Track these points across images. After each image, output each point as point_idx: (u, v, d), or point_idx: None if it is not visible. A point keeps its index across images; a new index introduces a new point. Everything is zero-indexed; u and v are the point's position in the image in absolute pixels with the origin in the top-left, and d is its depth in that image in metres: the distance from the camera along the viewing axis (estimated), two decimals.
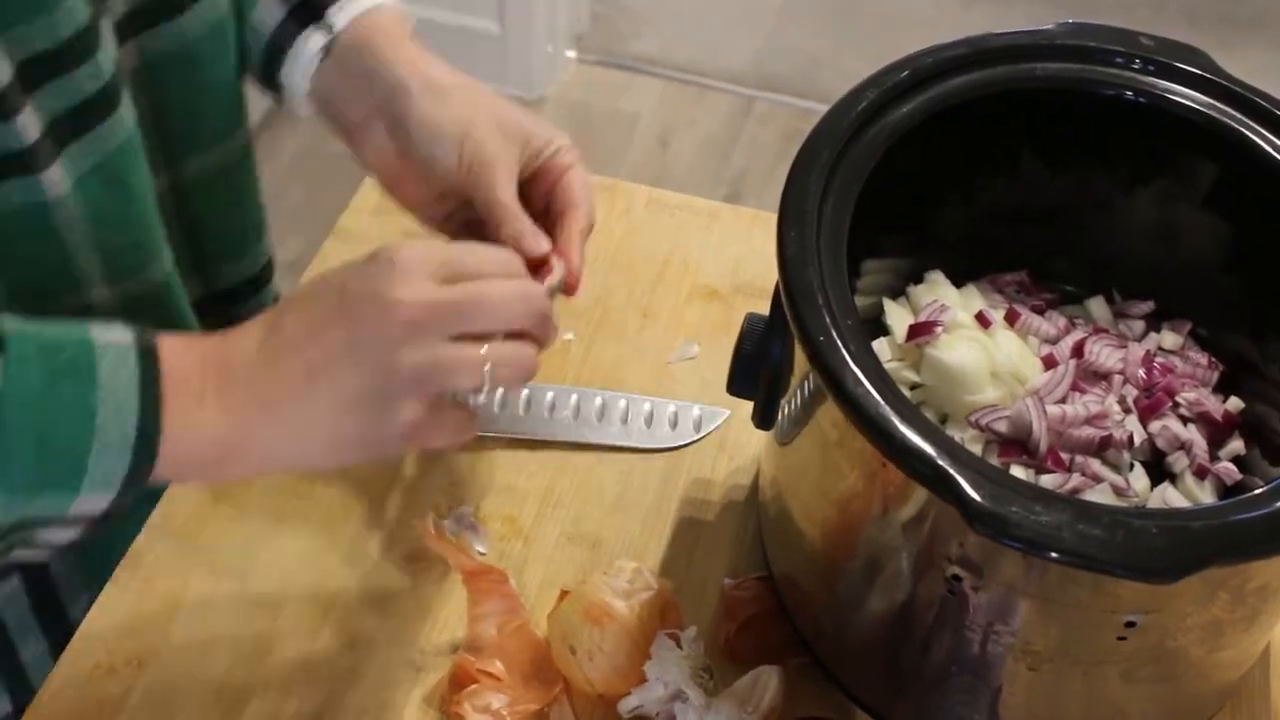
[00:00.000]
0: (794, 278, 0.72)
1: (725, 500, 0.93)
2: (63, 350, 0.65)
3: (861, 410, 0.67)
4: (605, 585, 0.83)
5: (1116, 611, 0.69)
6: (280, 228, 1.02)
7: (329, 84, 0.87)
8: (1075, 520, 0.64)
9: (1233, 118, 0.82)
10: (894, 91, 0.80)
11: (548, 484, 0.93)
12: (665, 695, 0.80)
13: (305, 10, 0.87)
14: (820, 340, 0.70)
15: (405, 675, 0.84)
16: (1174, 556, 0.63)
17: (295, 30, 0.87)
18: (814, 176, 0.76)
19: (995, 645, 0.72)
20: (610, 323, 1.03)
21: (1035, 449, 0.81)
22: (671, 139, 2.62)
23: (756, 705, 0.79)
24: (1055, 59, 0.84)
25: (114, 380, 0.66)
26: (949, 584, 0.71)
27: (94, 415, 0.65)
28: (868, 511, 0.74)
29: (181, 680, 0.83)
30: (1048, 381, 0.84)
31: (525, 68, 2.62)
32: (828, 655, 0.83)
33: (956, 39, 0.83)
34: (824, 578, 0.81)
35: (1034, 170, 0.87)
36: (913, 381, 0.85)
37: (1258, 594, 0.71)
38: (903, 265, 0.89)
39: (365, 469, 0.93)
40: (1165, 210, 0.87)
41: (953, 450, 0.66)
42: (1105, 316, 0.90)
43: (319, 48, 0.86)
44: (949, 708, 0.78)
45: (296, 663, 0.84)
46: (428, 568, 0.88)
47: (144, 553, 0.88)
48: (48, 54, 0.73)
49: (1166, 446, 0.83)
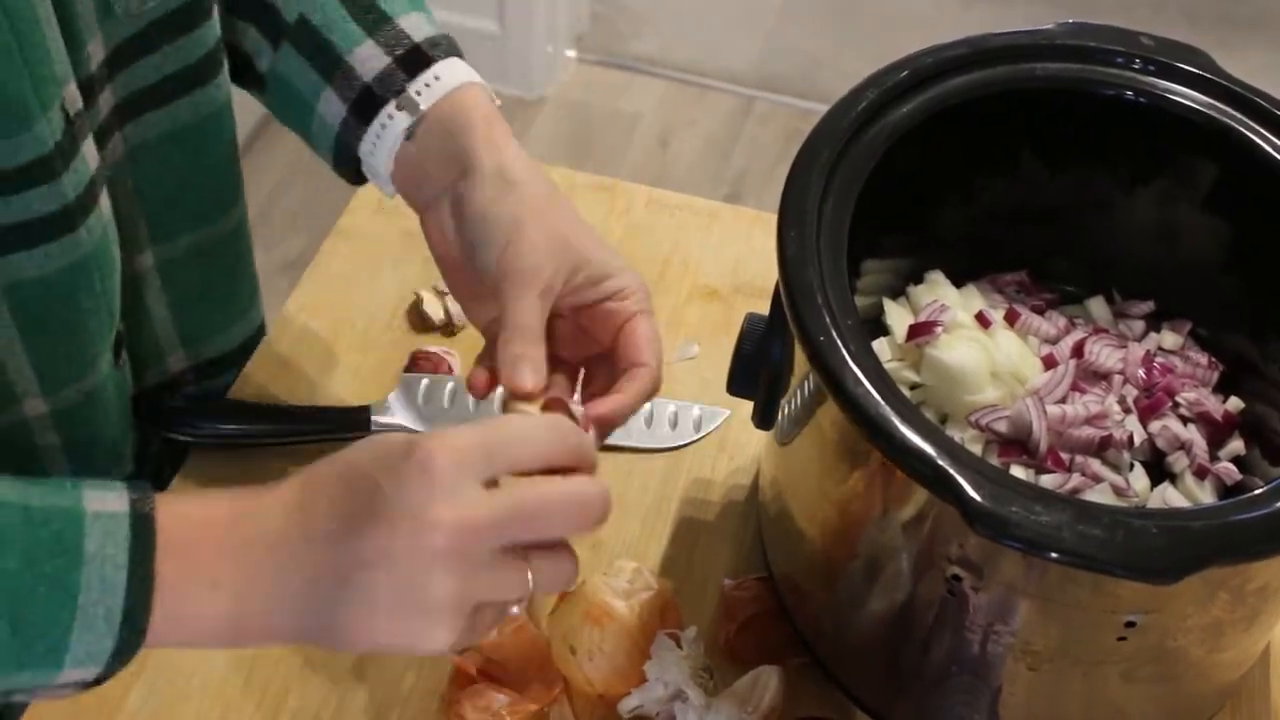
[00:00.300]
0: (794, 278, 0.72)
1: (725, 500, 0.93)
2: (49, 523, 0.62)
3: (861, 410, 0.67)
4: (605, 585, 0.83)
5: (1116, 612, 0.69)
6: (280, 227, 1.02)
7: (408, 162, 0.81)
8: (1075, 520, 0.64)
9: (1233, 118, 0.82)
10: (894, 91, 0.80)
11: None
12: (665, 695, 0.80)
13: (368, 103, 0.81)
14: (820, 340, 0.70)
15: (405, 676, 0.84)
16: (1174, 556, 0.63)
17: (359, 126, 0.81)
18: (814, 176, 0.76)
19: (995, 645, 0.72)
20: None
21: (1035, 449, 0.81)
22: (672, 139, 2.63)
23: (756, 705, 0.79)
24: (1055, 59, 0.84)
25: (101, 555, 0.62)
26: (949, 584, 0.71)
27: (76, 595, 0.61)
28: (868, 512, 0.74)
29: (181, 680, 0.83)
30: (1048, 381, 0.84)
31: (525, 68, 2.62)
32: (828, 655, 0.83)
33: (956, 39, 0.83)
34: (824, 578, 0.81)
35: (1034, 170, 0.87)
36: (913, 381, 0.85)
37: (1258, 594, 0.71)
38: (903, 265, 0.89)
39: None
40: (1165, 210, 0.87)
41: (953, 450, 0.66)
42: (1105, 316, 0.90)
43: (403, 128, 0.80)
44: (949, 708, 0.78)
45: (296, 663, 0.84)
46: None
47: None
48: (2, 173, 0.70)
49: (1166, 446, 0.83)
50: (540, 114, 2.63)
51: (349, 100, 0.81)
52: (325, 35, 0.82)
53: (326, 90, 0.82)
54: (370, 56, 0.81)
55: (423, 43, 0.82)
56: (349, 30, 0.82)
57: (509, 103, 2.62)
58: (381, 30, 0.82)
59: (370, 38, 0.82)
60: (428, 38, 0.82)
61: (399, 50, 0.81)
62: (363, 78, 0.81)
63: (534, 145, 2.55)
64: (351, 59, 0.81)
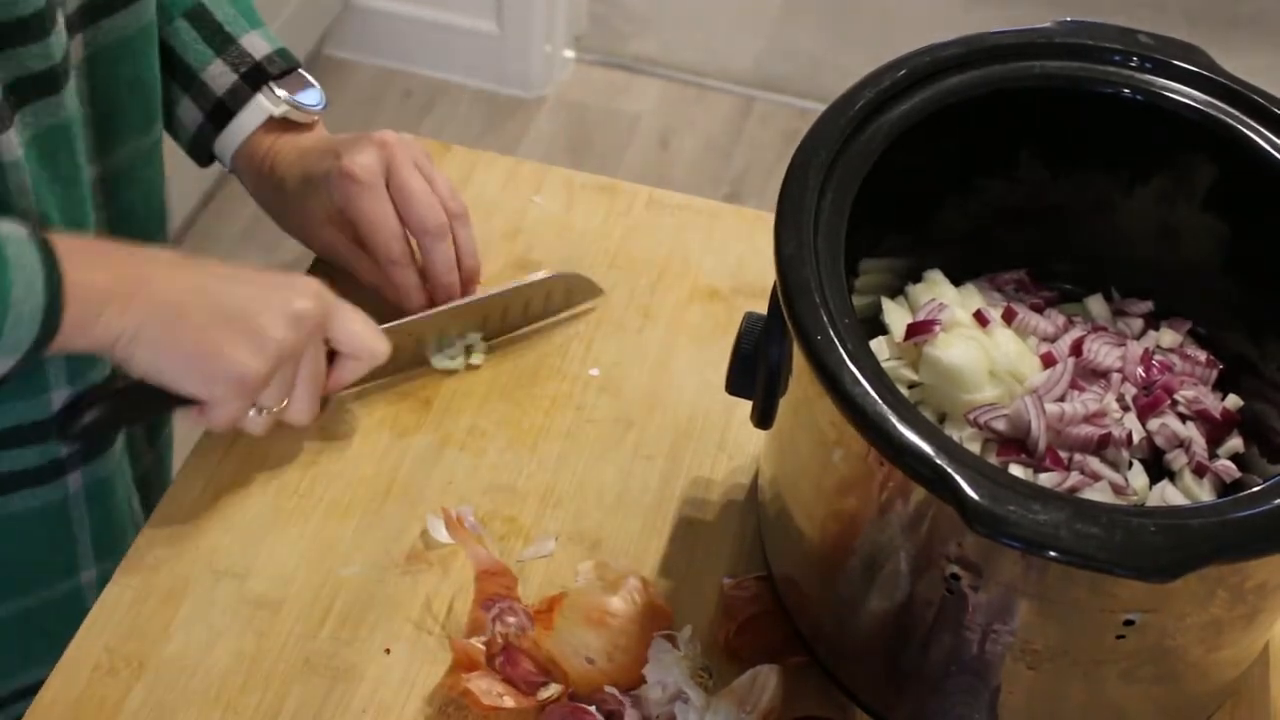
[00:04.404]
0: (791, 277, 0.72)
1: (725, 500, 0.93)
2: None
3: (859, 409, 0.68)
4: (590, 588, 0.83)
5: (1115, 610, 0.69)
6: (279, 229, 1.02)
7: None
8: (1074, 519, 0.64)
9: (1232, 116, 0.82)
10: (892, 90, 0.80)
11: (548, 484, 0.93)
12: (664, 697, 0.80)
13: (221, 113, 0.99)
14: (818, 339, 0.70)
15: (405, 675, 0.84)
16: (1172, 555, 0.63)
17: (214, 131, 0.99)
18: (812, 176, 0.76)
19: (994, 645, 0.72)
20: (610, 322, 1.03)
21: (1034, 447, 0.81)
22: (671, 139, 2.62)
23: (755, 704, 0.79)
24: (1053, 57, 0.84)
25: (19, 263, 0.76)
26: (948, 583, 0.71)
27: (8, 292, 0.75)
28: (866, 511, 0.74)
29: (181, 680, 0.83)
30: (1046, 380, 0.84)
31: (524, 67, 2.62)
32: (827, 655, 0.83)
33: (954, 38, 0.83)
34: (823, 577, 0.81)
35: (1032, 169, 0.87)
36: (911, 380, 0.85)
37: (1256, 592, 0.71)
38: (901, 264, 0.89)
39: (366, 468, 0.93)
40: (1164, 209, 0.87)
41: (951, 449, 0.66)
42: (1104, 315, 0.90)
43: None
44: (949, 708, 0.78)
45: (296, 663, 0.84)
46: (427, 568, 0.88)
47: (144, 553, 0.88)
48: (3, 28, 0.78)
49: (1165, 444, 0.83)
50: (539, 114, 2.63)
51: (205, 110, 0.99)
52: (180, 55, 0.98)
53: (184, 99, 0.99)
54: (220, 73, 0.98)
55: (262, 60, 0.98)
56: (200, 51, 0.98)
57: (508, 102, 2.63)
58: (227, 50, 0.98)
59: (219, 56, 0.98)
60: (265, 55, 0.99)
61: (243, 68, 0.98)
62: (216, 93, 0.98)
63: (533, 145, 2.55)
64: (204, 76, 0.98)
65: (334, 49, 2.63)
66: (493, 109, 2.62)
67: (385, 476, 0.93)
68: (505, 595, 0.85)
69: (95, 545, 0.96)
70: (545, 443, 0.96)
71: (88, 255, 0.81)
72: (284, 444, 0.93)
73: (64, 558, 0.95)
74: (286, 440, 0.93)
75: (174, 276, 0.83)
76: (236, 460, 0.93)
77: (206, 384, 0.83)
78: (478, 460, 0.94)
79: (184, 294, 0.82)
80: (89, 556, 0.96)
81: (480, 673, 0.81)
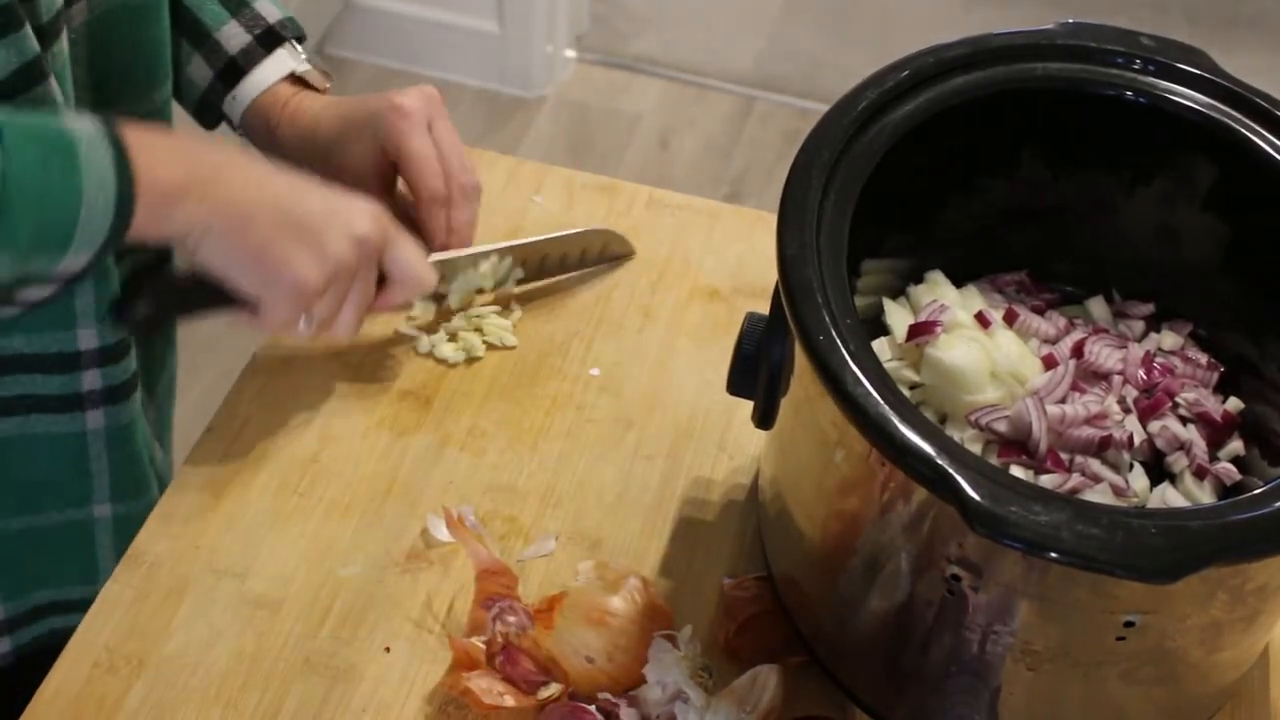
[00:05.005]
0: (793, 277, 0.72)
1: (725, 500, 0.94)
2: (48, 137, 0.77)
3: (861, 410, 0.68)
4: (589, 588, 0.83)
5: (1115, 612, 0.69)
6: None
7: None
8: (1074, 520, 0.64)
9: (1233, 118, 0.82)
10: (894, 91, 0.80)
11: (548, 484, 0.93)
12: (664, 697, 0.80)
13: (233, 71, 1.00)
14: (819, 339, 0.70)
15: (405, 674, 0.84)
16: (1173, 557, 0.63)
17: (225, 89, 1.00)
18: (814, 176, 0.76)
19: (995, 645, 0.72)
20: (610, 322, 1.03)
21: (1035, 449, 0.81)
22: (672, 139, 2.62)
23: (755, 704, 0.79)
24: (1055, 59, 0.84)
25: (91, 159, 0.77)
26: (948, 584, 0.71)
27: (81, 189, 0.77)
28: (867, 511, 0.74)
29: (181, 680, 0.83)
30: (1048, 381, 0.84)
31: (525, 67, 2.62)
32: (828, 655, 0.83)
33: (957, 39, 0.83)
34: (824, 577, 0.81)
35: (1034, 170, 0.87)
36: (912, 381, 0.85)
37: (1257, 594, 0.72)
38: (902, 265, 0.89)
39: (366, 468, 0.93)
40: (1165, 210, 0.87)
41: (952, 450, 0.66)
42: (1105, 317, 0.90)
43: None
44: (949, 708, 0.78)
45: (296, 662, 0.84)
46: (427, 567, 0.88)
47: (144, 553, 0.88)
48: None
49: (1166, 447, 0.83)
50: (540, 114, 2.63)
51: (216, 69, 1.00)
52: (194, 14, 1.00)
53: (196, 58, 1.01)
54: (235, 34, 1.00)
55: (275, 24, 1.01)
56: (215, 10, 1.00)
57: (509, 102, 2.63)
58: (241, 13, 1.00)
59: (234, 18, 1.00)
60: (278, 20, 1.01)
61: (257, 30, 1.00)
62: (229, 52, 1.00)
63: (534, 145, 2.55)
64: (218, 35, 1.00)
65: (334, 48, 2.63)
66: (493, 109, 2.62)
67: (385, 476, 0.93)
68: (505, 594, 0.85)
69: (113, 486, 0.97)
70: (545, 442, 0.96)
71: (161, 150, 0.82)
72: (284, 443, 0.94)
73: (79, 490, 0.96)
74: (287, 440, 0.94)
75: (246, 177, 0.85)
76: (236, 460, 0.93)
77: (267, 287, 0.86)
78: (478, 460, 0.94)
79: (256, 197, 0.85)
80: (105, 492, 0.97)
81: (480, 672, 0.81)
